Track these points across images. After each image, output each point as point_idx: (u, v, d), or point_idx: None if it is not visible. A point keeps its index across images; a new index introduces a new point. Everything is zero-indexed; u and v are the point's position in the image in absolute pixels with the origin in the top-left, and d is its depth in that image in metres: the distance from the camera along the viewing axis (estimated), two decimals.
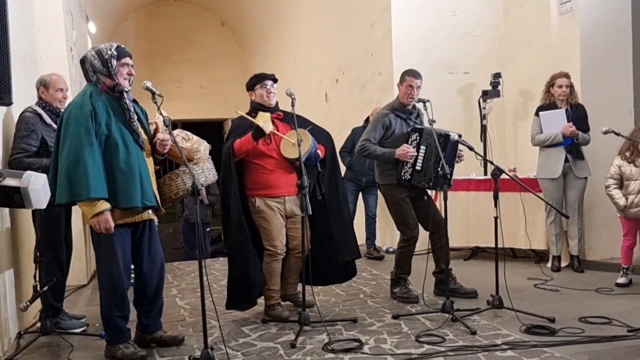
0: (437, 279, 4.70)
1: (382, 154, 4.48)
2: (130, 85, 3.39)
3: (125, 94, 3.33)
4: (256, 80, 4.20)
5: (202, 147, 3.73)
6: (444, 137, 4.36)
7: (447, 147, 4.37)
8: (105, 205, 3.18)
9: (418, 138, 4.44)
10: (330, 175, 4.27)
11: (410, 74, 4.55)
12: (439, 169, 4.29)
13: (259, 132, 3.96)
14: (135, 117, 3.33)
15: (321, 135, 4.27)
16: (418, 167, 4.42)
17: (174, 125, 3.80)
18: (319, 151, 4.15)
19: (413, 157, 4.40)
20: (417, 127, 4.50)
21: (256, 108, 4.15)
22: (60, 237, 4.10)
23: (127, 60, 3.37)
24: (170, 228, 10.58)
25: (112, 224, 3.20)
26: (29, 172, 3.22)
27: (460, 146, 4.44)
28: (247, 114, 4.17)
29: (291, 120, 4.08)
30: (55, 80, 4.11)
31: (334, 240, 4.20)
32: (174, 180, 3.57)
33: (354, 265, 4.39)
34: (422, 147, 4.42)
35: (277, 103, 4.24)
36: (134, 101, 3.47)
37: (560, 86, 5.39)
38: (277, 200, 4.10)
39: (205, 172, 3.71)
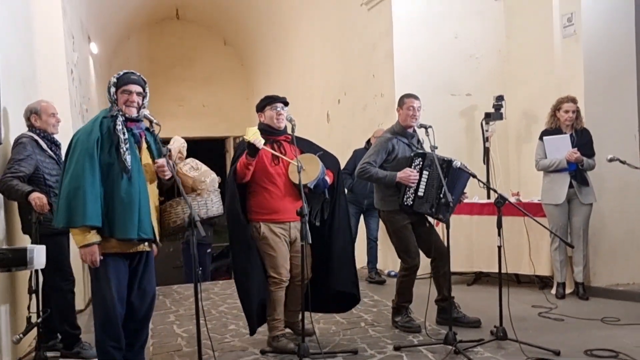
0: (440, 307, 4.62)
1: (383, 177, 4.42)
2: (138, 113, 3.34)
3: (119, 120, 3.26)
4: (267, 102, 4.14)
5: (209, 178, 3.66)
6: (447, 163, 4.31)
7: (449, 174, 4.32)
8: (96, 237, 3.15)
9: (421, 163, 4.39)
10: (335, 202, 4.20)
11: (409, 96, 4.53)
12: (441, 195, 4.24)
13: (252, 148, 3.85)
14: (127, 145, 3.25)
15: (329, 161, 4.21)
16: (420, 193, 4.37)
17: (187, 152, 3.75)
18: (327, 177, 4.08)
19: (416, 182, 4.35)
20: (420, 151, 4.46)
21: (264, 130, 4.08)
22: (69, 265, 4.09)
23: (128, 87, 3.32)
24: (171, 247, 10.53)
25: (98, 258, 3.16)
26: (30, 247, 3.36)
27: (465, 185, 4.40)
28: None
29: (300, 143, 4.07)
30: (45, 106, 4.12)
31: (333, 268, 4.14)
32: (174, 208, 3.49)
33: (356, 294, 4.30)
34: (425, 173, 4.37)
35: (285, 127, 4.18)
36: (147, 129, 3.43)
37: (567, 111, 5.34)
38: (282, 226, 4.03)
39: (208, 204, 3.63)
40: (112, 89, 3.33)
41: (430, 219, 4.62)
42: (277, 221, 4.01)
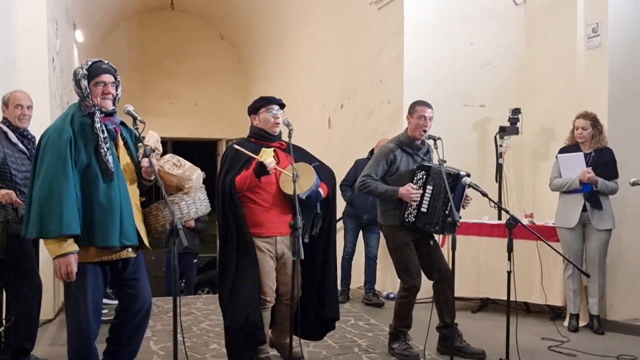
0: (441, 335, 4.58)
1: (384, 191, 4.41)
2: (114, 105, 3.31)
3: (97, 116, 3.21)
4: (262, 103, 4.08)
5: (195, 175, 3.60)
6: (454, 178, 4.29)
7: (456, 188, 4.29)
8: (73, 247, 3.09)
9: (424, 177, 4.37)
10: (330, 219, 4.19)
11: (421, 104, 4.50)
12: (447, 212, 4.21)
13: (262, 170, 3.81)
14: (107, 144, 3.21)
15: (324, 173, 4.18)
16: (424, 209, 4.35)
17: (164, 146, 3.70)
18: (320, 190, 4.04)
19: (417, 199, 4.33)
20: (424, 164, 4.44)
21: (257, 134, 4.05)
22: (35, 269, 4.05)
23: (102, 78, 3.26)
24: (152, 255, 10.47)
25: (74, 270, 3.09)
26: None
27: (468, 189, 4.36)
28: (246, 139, 4.09)
29: (294, 152, 4.01)
30: (14, 96, 4.12)
31: (327, 293, 4.13)
32: (161, 210, 3.42)
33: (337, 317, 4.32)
34: (429, 187, 4.35)
35: (280, 132, 4.14)
36: (122, 124, 3.40)
37: (577, 128, 5.35)
38: (267, 240, 3.99)
39: (197, 203, 3.58)
40: (84, 82, 3.26)
41: (436, 236, 4.59)
42: (261, 235, 3.96)
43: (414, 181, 4.37)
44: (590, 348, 4.81)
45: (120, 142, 3.35)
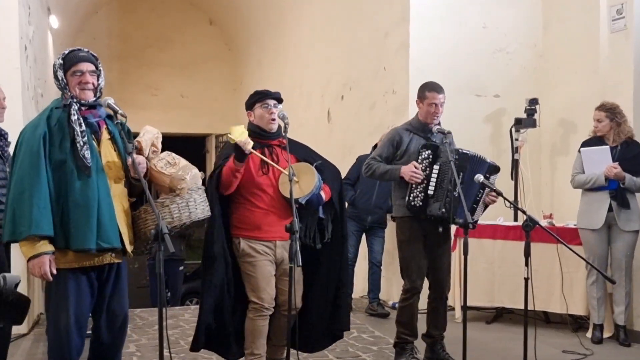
0: (428, 345, 4.65)
1: (385, 171, 4.47)
2: (95, 96, 3.30)
3: (73, 109, 3.21)
4: (257, 98, 4.08)
5: (189, 175, 3.53)
6: (462, 155, 4.33)
7: (466, 169, 4.33)
8: (47, 247, 3.09)
9: (431, 156, 4.38)
10: (340, 222, 4.18)
11: (432, 89, 4.53)
12: (454, 193, 4.22)
13: (239, 152, 3.78)
14: (84, 138, 3.19)
15: (329, 173, 4.17)
16: (430, 191, 4.36)
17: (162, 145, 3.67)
18: (322, 193, 4.02)
19: (419, 179, 4.33)
20: (431, 143, 4.46)
21: (254, 132, 4.03)
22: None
23: (78, 67, 3.26)
24: (135, 262, 10.46)
25: (48, 270, 3.09)
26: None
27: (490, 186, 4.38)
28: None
29: (297, 149, 4.03)
30: None
31: (339, 304, 4.15)
32: (150, 214, 3.37)
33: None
34: (436, 167, 4.37)
35: (279, 127, 4.11)
36: (109, 117, 3.39)
37: (594, 120, 5.37)
38: (265, 244, 3.99)
39: (190, 206, 3.49)
40: (60, 73, 3.27)
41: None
42: (259, 239, 3.97)
43: (419, 160, 4.39)
44: None
45: (105, 137, 3.33)
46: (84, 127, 3.21)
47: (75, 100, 3.24)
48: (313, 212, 4.05)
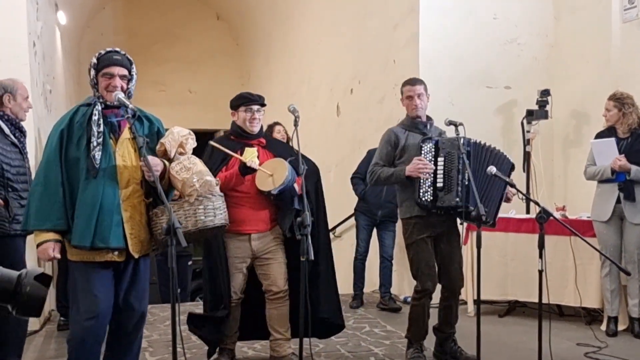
0: (437, 340, 4.67)
1: (390, 174, 4.45)
2: (116, 100, 3.32)
3: (95, 108, 3.30)
4: (241, 102, 4.42)
5: (200, 182, 3.48)
6: (466, 141, 4.35)
7: (473, 156, 4.35)
8: (52, 236, 3.25)
9: (433, 149, 4.37)
10: (315, 216, 4.29)
11: (406, 83, 4.63)
12: (465, 181, 4.21)
13: (247, 170, 4.14)
14: (100, 139, 3.26)
15: (304, 167, 4.24)
16: (439, 184, 4.34)
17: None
18: (296, 186, 4.26)
19: (429, 171, 4.32)
20: (429, 137, 4.47)
21: (236, 132, 4.37)
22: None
23: (110, 69, 3.34)
24: (148, 261, 10.50)
25: (52, 254, 3.24)
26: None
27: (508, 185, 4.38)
28: (226, 136, 4.42)
29: (274, 147, 4.44)
30: (23, 87, 4.22)
31: (318, 294, 4.33)
32: (159, 217, 3.38)
33: (341, 323, 4.55)
34: (440, 159, 4.36)
35: (261, 128, 4.49)
36: (139, 119, 3.44)
37: (604, 110, 5.37)
38: (240, 238, 4.27)
39: (198, 214, 3.41)
40: (92, 72, 3.38)
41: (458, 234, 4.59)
42: (234, 232, 4.21)
43: (422, 155, 4.38)
44: (631, 354, 4.78)
45: (124, 136, 3.36)
46: (102, 128, 3.29)
47: (100, 100, 3.34)
48: (289, 203, 4.30)
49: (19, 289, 1.92)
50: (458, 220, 4.54)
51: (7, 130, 4.06)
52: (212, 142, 4.27)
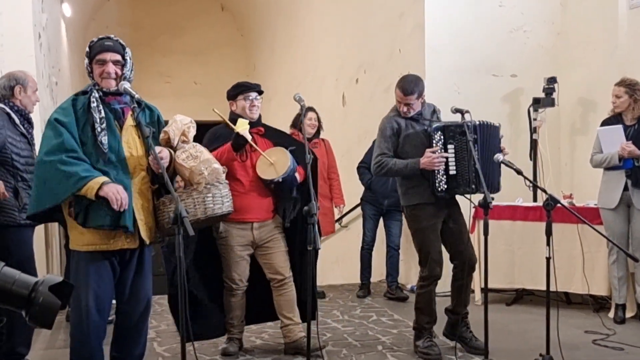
0: (450, 320, 4.66)
1: (404, 166, 4.38)
2: (116, 86, 3.34)
3: (93, 96, 3.29)
4: (239, 90, 4.47)
5: (207, 170, 3.51)
6: (474, 126, 4.36)
7: (479, 141, 4.37)
8: (100, 179, 3.15)
9: (442, 137, 4.36)
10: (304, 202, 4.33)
11: (398, 88, 4.47)
12: (476, 166, 4.21)
13: (239, 141, 4.14)
14: (103, 124, 3.26)
15: (302, 158, 4.26)
16: (452, 172, 4.34)
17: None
18: (297, 175, 4.34)
19: (442, 163, 4.31)
20: (437, 124, 4.42)
21: (235, 121, 4.37)
22: (33, 263, 4.12)
23: (102, 56, 3.34)
24: (152, 251, 10.52)
25: (121, 191, 3.16)
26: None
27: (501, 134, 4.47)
28: (224, 126, 4.44)
29: (273, 136, 4.47)
30: (32, 80, 4.27)
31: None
32: (167, 206, 3.37)
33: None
34: (450, 147, 4.35)
35: (260, 116, 4.53)
36: (144, 108, 3.46)
37: (612, 96, 5.34)
38: (242, 226, 4.31)
39: (207, 202, 3.42)
40: (86, 60, 3.40)
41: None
42: (237, 221, 4.27)
43: (433, 145, 4.35)
44: (639, 341, 4.77)
45: (128, 124, 3.36)
46: (103, 114, 3.29)
47: (97, 87, 3.33)
48: (288, 192, 4.39)
49: (33, 298, 1.88)
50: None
51: (17, 121, 4.09)
52: (215, 109, 4.30)
